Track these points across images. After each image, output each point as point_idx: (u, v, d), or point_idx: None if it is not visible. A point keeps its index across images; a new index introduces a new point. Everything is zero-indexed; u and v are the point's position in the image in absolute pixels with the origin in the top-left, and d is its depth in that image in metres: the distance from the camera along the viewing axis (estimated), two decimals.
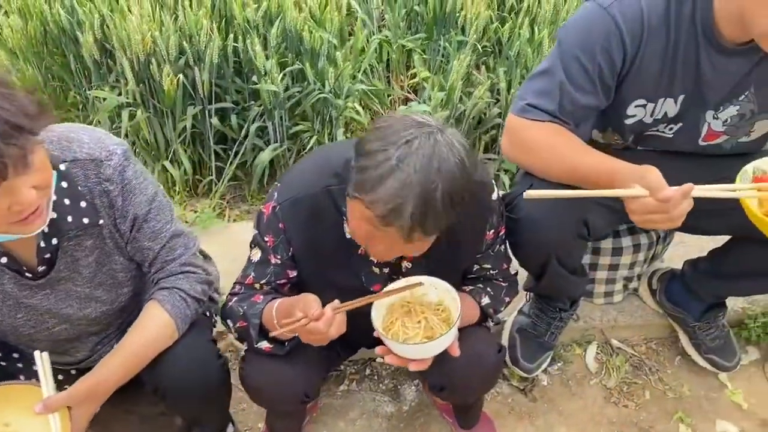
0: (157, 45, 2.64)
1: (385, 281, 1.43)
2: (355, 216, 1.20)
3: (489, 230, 1.44)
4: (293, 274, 1.45)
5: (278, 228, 1.38)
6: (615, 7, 1.33)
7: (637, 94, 1.45)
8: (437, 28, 3.08)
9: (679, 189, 1.16)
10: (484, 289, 1.54)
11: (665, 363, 2.08)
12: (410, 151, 1.10)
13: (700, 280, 1.84)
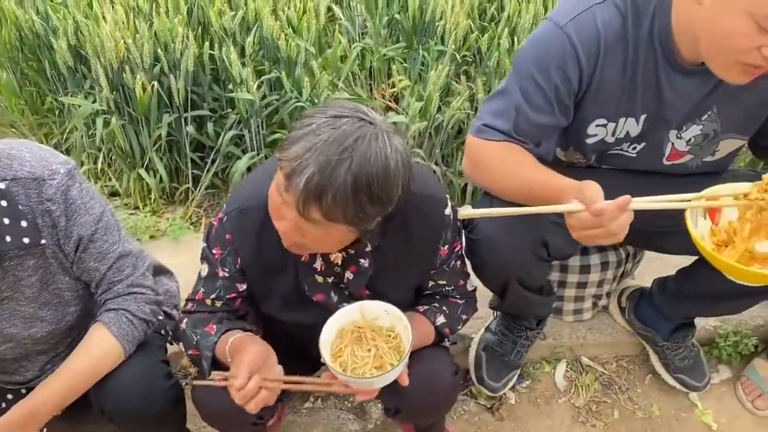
0: (131, 52, 2.61)
1: (328, 291, 1.40)
2: (273, 184, 1.18)
3: (443, 246, 1.41)
4: (243, 287, 1.41)
5: (225, 240, 1.36)
6: (570, 26, 1.31)
7: (597, 113, 1.42)
8: (417, 37, 3.05)
9: (615, 202, 1.13)
10: (439, 308, 1.51)
11: (636, 381, 2.05)
12: (333, 124, 1.09)
13: (668, 300, 1.81)
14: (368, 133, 1.10)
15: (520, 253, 1.46)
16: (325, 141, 1.07)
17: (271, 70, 2.86)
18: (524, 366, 2.06)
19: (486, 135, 1.42)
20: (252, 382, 1.21)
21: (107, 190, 3.03)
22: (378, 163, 1.09)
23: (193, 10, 2.94)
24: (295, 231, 1.20)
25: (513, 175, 1.38)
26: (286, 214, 1.17)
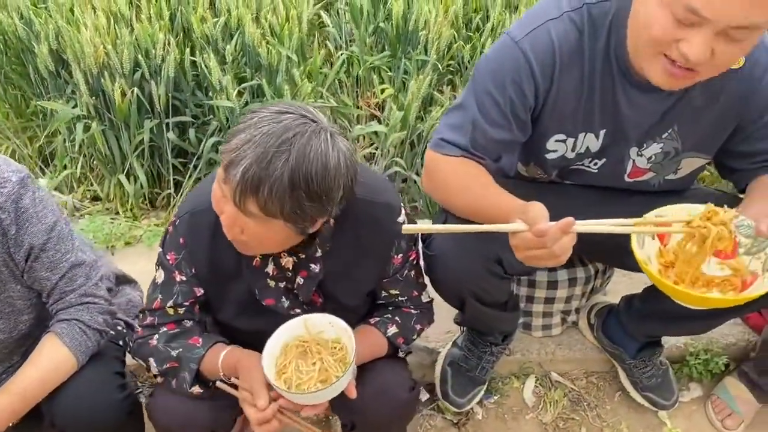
0: (110, 58, 2.61)
1: (279, 296, 1.40)
2: (216, 179, 1.18)
3: (396, 254, 1.40)
4: (200, 292, 1.40)
5: (179, 243, 1.35)
6: (525, 41, 1.30)
7: (556, 129, 1.41)
8: (401, 46, 3.04)
9: (558, 223, 1.11)
10: (392, 319, 1.49)
11: (605, 398, 2.03)
12: (275, 118, 1.10)
13: (633, 318, 1.79)
14: (309, 129, 1.11)
15: (474, 270, 1.45)
16: (265, 134, 1.08)
17: (253, 77, 2.86)
18: (493, 381, 2.04)
19: (443, 150, 1.41)
20: (269, 411, 1.25)
21: (89, 194, 3.03)
22: (317, 160, 1.10)
23: (176, 17, 2.94)
24: (234, 225, 1.20)
25: (466, 193, 1.37)
26: (226, 208, 1.18)
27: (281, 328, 1.33)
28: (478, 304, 1.57)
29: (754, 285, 1.20)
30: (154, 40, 2.70)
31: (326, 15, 3.50)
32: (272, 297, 1.40)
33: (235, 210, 1.14)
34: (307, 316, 1.35)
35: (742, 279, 1.24)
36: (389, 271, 1.43)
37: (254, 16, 2.88)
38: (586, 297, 1.97)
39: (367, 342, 1.43)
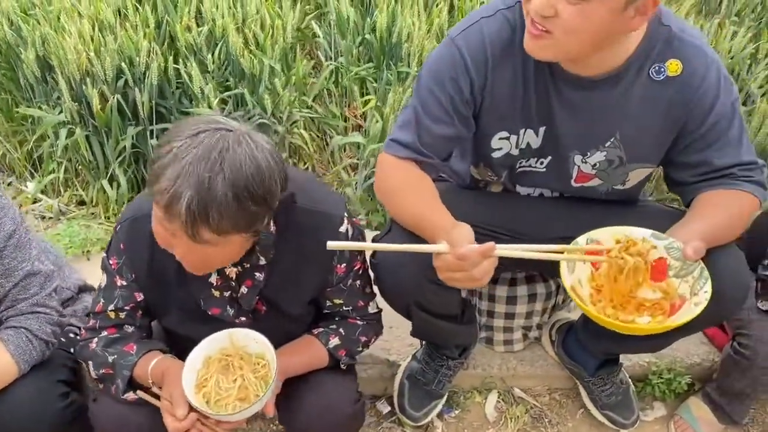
0: (93, 65, 2.65)
1: (224, 305, 1.41)
2: (154, 219, 1.19)
3: (339, 263, 1.41)
4: (141, 297, 1.42)
5: (120, 249, 1.37)
6: (460, 38, 1.35)
7: (498, 126, 1.44)
8: (385, 57, 3.05)
9: (479, 247, 1.12)
10: (335, 330, 1.50)
11: (567, 415, 2.02)
12: (192, 143, 1.10)
13: (590, 336, 1.77)
14: (230, 140, 1.12)
15: (415, 278, 1.45)
16: (192, 162, 1.09)
17: (237, 86, 2.88)
18: (455, 395, 2.03)
19: (392, 150, 1.44)
20: (187, 422, 1.26)
21: (75, 199, 3.07)
22: (250, 166, 1.11)
23: (161, 25, 2.97)
24: (194, 256, 1.21)
25: (407, 204, 1.39)
26: (177, 243, 1.18)
27: (205, 340, 1.33)
28: (425, 315, 1.57)
29: (682, 309, 1.20)
30: (137, 48, 2.73)
31: (317, 26, 3.53)
32: (217, 306, 1.42)
33: (189, 243, 1.15)
34: (232, 330, 1.35)
35: (671, 302, 1.23)
36: (332, 281, 1.43)
37: (238, 26, 2.91)
38: (547, 313, 1.96)
39: (306, 353, 1.45)
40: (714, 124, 1.35)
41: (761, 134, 2.70)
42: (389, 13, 2.98)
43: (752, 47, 3.17)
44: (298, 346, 1.47)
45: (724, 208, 1.37)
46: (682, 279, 1.23)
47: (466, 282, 1.16)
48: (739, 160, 1.39)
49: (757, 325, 1.70)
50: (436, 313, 1.60)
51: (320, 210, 1.37)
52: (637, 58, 1.31)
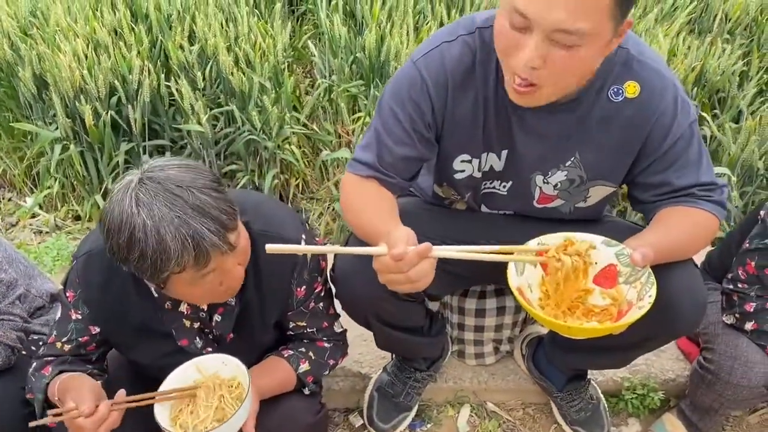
0: (87, 83, 2.72)
1: (192, 336, 1.42)
2: (182, 292, 1.23)
3: (297, 287, 1.42)
4: (96, 330, 1.41)
5: (76, 282, 1.37)
6: (421, 61, 1.35)
7: (459, 149, 1.44)
8: (374, 75, 3.10)
9: (416, 248, 1.12)
10: (305, 354, 1.50)
11: (540, 430, 2.01)
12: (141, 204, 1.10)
13: (557, 350, 1.77)
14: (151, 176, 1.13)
15: (371, 290, 1.43)
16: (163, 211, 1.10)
17: (227, 103, 2.94)
18: (428, 409, 2.03)
19: (354, 169, 1.44)
20: (102, 407, 1.21)
21: (71, 214, 3.13)
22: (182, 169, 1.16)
23: (156, 43, 3.05)
24: (239, 271, 1.27)
25: (362, 215, 1.39)
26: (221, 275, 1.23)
27: (173, 374, 1.31)
28: (384, 327, 1.58)
29: (628, 314, 1.20)
30: (130, 66, 2.80)
31: (313, 45, 3.59)
32: (186, 337, 1.42)
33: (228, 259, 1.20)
34: (196, 359, 1.34)
35: (619, 309, 1.23)
36: (293, 304, 1.44)
37: (230, 44, 2.97)
38: (518, 326, 1.95)
39: (277, 377, 1.46)
40: (672, 146, 1.36)
41: (747, 151, 2.70)
42: (378, 31, 3.02)
43: (742, 65, 3.18)
44: (269, 368, 1.46)
45: (681, 224, 1.37)
46: (631, 285, 1.23)
47: (405, 284, 1.15)
48: (699, 181, 1.39)
49: (721, 339, 1.69)
50: (398, 326, 1.60)
51: (272, 233, 1.35)
52: (596, 80, 1.32)
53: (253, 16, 3.17)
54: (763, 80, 3.21)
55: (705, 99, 3.16)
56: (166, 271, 1.13)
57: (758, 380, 1.63)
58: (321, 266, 1.47)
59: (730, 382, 1.64)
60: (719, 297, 1.77)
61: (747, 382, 1.63)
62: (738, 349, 1.65)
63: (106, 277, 1.34)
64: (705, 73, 3.14)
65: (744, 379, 1.63)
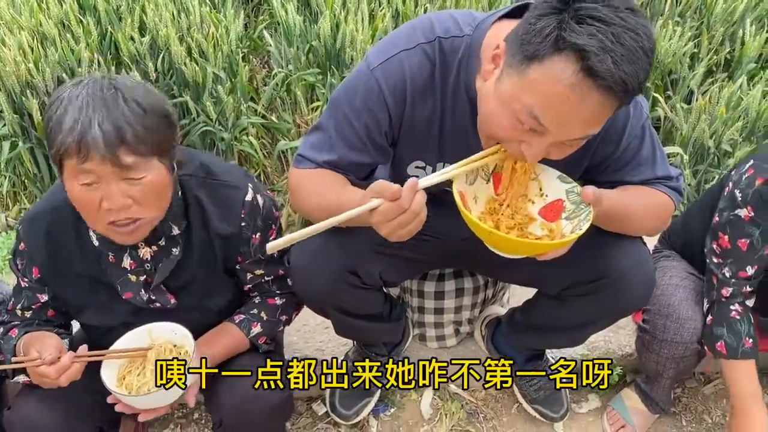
0: (33, 76, 2.64)
1: (137, 290, 1.41)
2: (71, 183, 1.18)
3: (253, 233, 1.42)
4: (44, 298, 1.44)
5: (20, 250, 1.39)
6: (378, 70, 1.29)
7: (414, 156, 1.41)
8: (331, 63, 3.07)
9: (405, 185, 1.11)
10: (257, 315, 1.51)
11: (502, 410, 2.03)
12: (78, 87, 1.14)
13: (514, 330, 1.78)
14: (110, 76, 1.19)
15: (330, 284, 1.44)
16: (87, 95, 1.13)
17: (181, 94, 2.89)
18: (390, 394, 2.04)
19: (304, 165, 1.41)
20: (65, 357, 1.25)
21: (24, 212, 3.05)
22: (139, 87, 1.19)
23: (105, 35, 2.98)
24: (124, 201, 1.19)
25: (322, 197, 1.35)
26: (103, 193, 1.17)
27: (124, 337, 1.35)
28: (344, 316, 1.57)
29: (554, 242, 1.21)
30: (79, 59, 2.73)
31: (269, 35, 3.55)
32: (130, 290, 1.42)
33: (114, 179, 1.15)
34: (148, 325, 1.37)
35: (552, 239, 1.25)
36: (250, 251, 1.44)
37: (181, 35, 2.92)
38: (477, 308, 1.97)
39: (227, 344, 1.47)
40: (626, 148, 1.36)
41: (698, 130, 2.75)
42: (333, 19, 3.00)
43: (693, 46, 3.24)
44: (219, 335, 1.48)
45: (637, 193, 1.38)
46: (570, 221, 1.25)
47: (410, 221, 1.12)
48: (655, 176, 1.41)
49: (656, 299, 1.70)
50: (357, 314, 1.59)
51: (222, 181, 1.39)
52: None
53: (205, 6, 3.11)
54: (713, 61, 3.27)
55: (658, 81, 3.21)
56: (53, 147, 1.15)
57: (690, 336, 1.65)
58: (274, 215, 1.47)
59: (665, 339, 1.67)
60: (665, 263, 1.81)
61: (680, 338, 1.66)
62: (670, 308, 1.67)
63: (49, 235, 1.36)
64: (657, 55, 3.18)
65: (677, 335, 1.66)
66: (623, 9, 1.01)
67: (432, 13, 1.39)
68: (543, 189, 1.30)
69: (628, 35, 0.99)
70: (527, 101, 1.07)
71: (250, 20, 3.82)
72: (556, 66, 1.02)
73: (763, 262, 1.58)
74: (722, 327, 1.61)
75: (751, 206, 1.52)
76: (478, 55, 1.24)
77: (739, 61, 3.23)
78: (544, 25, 1.03)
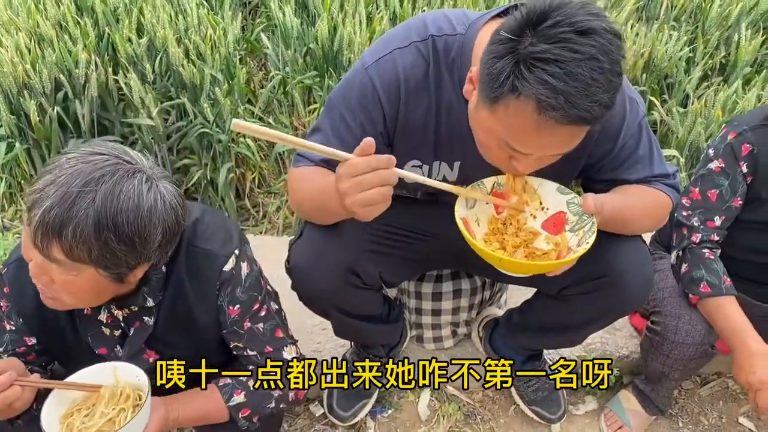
0: (31, 77, 2.64)
1: (112, 345, 1.34)
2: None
3: (230, 305, 1.31)
4: (32, 341, 1.34)
5: (5, 293, 1.31)
6: (372, 68, 1.29)
7: (410, 154, 1.41)
8: (328, 65, 3.08)
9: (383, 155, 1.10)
10: (244, 384, 1.38)
11: (500, 412, 2.03)
12: (84, 159, 1.06)
13: (512, 331, 1.78)
14: (122, 170, 1.07)
15: (331, 282, 1.44)
16: (71, 174, 1.04)
17: (178, 95, 2.89)
18: (388, 395, 2.04)
19: (301, 164, 1.40)
20: (4, 377, 1.15)
21: (20, 214, 3.04)
22: (128, 201, 1.05)
23: (103, 37, 2.98)
24: (42, 274, 1.12)
25: (307, 187, 1.35)
26: (32, 258, 1.10)
27: (87, 370, 1.24)
28: (345, 317, 1.56)
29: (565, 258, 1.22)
30: (76, 60, 2.73)
31: (266, 37, 3.55)
32: (104, 346, 1.34)
33: (40, 257, 1.07)
34: (117, 363, 1.25)
35: (558, 253, 1.26)
36: (226, 323, 1.34)
37: (178, 37, 2.92)
38: (474, 309, 1.97)
39: (200, 408, 1.35)
40: (623, 146, 1.37)
41: (694, 133, 2.77)
42: (330, 22, 3.01)
43: (688, 50, 3.26)
44: (193, 395, 1.36)
45: (636, 193, 1.39)
46: (575, 233, 1.26)
47: (373, 184, 1.08)
48: (652, 174, 1.41)
49: (667, 302, 1.72)
50: (357, 314, 1.59)
51: (202, 248, 1.28)
52: None
53: (203, 8, 3.12)
54: (708, 65, 3.30)
55: (654, 85, 3.23)
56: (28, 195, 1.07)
57: (701, 337, 1.67)
58: (260, 285, 1.36)
59: (676, 341, 1.68)
60: (664, 266, 1.82)
61: (691, 340, 1.67)
62: (682, 309, 1.69)
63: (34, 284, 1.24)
64: (653, 59, 3.20)
65: (689, 336, 1.67)
66: (577, 37, 1.00)
67: (426, 12, 1.40)
68: (543, 203, 1.31)
69: (583, 66, 1.00)
70: (500, 134, 1.12)
71: (247, 23, 3.82)
72: (517, 107, 1.05)
73: (730, 214, 1.65)
74: (700, 269, 1.63)
75: (722, 158, 1.62)
76: (470, 55, 1.25)
77: (734, 65, 3.26)
78: (500, 69, 1.04)
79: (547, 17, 1.01)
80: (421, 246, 1.59)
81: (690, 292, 1.66)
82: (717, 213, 1.63)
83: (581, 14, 1.01)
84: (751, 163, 1.60)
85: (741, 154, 1.60)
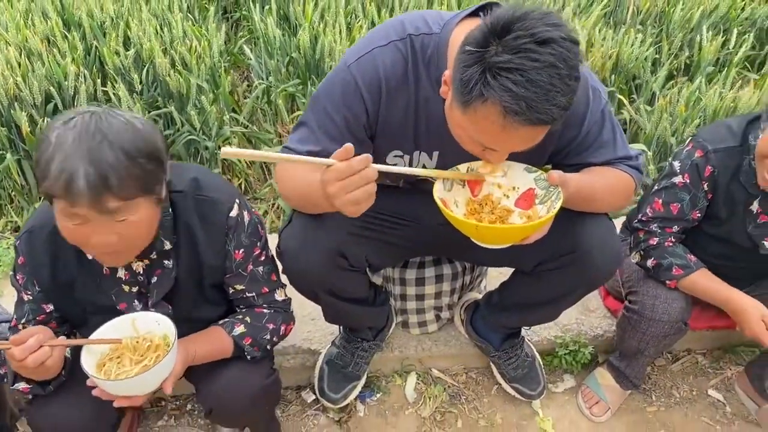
0: (21, 90, 2.72)
1: (131, 300, 1.46)
2: (59, 218, 1.20)
3: (236, 249, 1.46)
4: (50, 308, 1.45)
5: (21, 264, 1.40)
6: (354, 66, 1.38)
7: (392, 146, 1.51)
8: (310, 73, 3.19)
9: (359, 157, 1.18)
10: (241, 319, 1.53)
11: (482, 392, 2.13)
12: (67, 128, 1.14)
13: (492, 311, 1.89)
14: (101, 113, 1.19)
15: (320, 264, 1.53)
16: (74, 141, 1.14)
17: (165, 105, 2.98)
18: (376, 379, 2.13)
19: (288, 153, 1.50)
20: (32, 339, 1.26)
21: (11, 225, 3.09)
22: (128, 129, 1.18)
23: (91, 50, 3.07)
24: (111, 237, 1.21)
25: (296, 179, 1.43)
26: (91, 230, 1.19)
27: (109, 324, 1.36)
28: (334, 299, 1.65)
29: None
30: (65, 73, 2.82)
31: (249, 49, 3.66)
32: (125, 301, 1.45)
33: (100, 221, 1.17)
34: (134, 315, 1.39)
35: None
36: (231, 267, 1.47)
37: (165, 48, 3.02)
38: (456, 293, 2.07)
39: (210, 341, 1.49)
40: (588, 133, 1.48)
41: (660, 128, 2.91)
42: (311, 31, 3.12)
43: (654, 52, 3.41)
44: (202, 334, 1.50)
45: (600, 172, 1.50)
46: (544, 204, 1.37)
47: (358, 185, 1.17)
48: (615, 156, 1.52)
49: (644, 282, 1.84)
50: (345, 297, 1.68)
51: (206, 196, 1.41)
52: None
53: (188, 21, 3.22)
54: (673, 65, 3.46)
55: (622, 85, 3.38)
56: (42, 187, 1.16)
57: (677, 314, 1.79)
58: (260, 232, 1.51)
59: (653, 318, 1.80)
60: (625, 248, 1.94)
61: (668, 317, 1.79)
62: (659, 289, 1.81)
63: (50, 252, 1.38)
64: (621, 61, 3.36)
65: (665, 314, 1.79)
66: (536, 47, 1.10)
67: (404, 14, 1.51)
68: (513, 183, 1.42)
69: (543, 73, 1.10)
70: (471, 133, 1.24)
71: (229, 36, 3.94)
72: (485, 111, 1.16)
73: (688, 224, 1.80)
74: (666, 258, 1.79)
75: (688, 174, 1.75)
76: (445, 52, 1.36)
77: (698, 65, 3.42)
78: (469, 76, 1.15)
79: (510, 29, 1.12)
80: (404, 231, 1.69)
81: (666, 279, 1.79)
82: (676, 223, 1.79)
83: (540, 25, 1.12)
84: (711, 184, 1.74)
85: (704, 175, 1.73)
